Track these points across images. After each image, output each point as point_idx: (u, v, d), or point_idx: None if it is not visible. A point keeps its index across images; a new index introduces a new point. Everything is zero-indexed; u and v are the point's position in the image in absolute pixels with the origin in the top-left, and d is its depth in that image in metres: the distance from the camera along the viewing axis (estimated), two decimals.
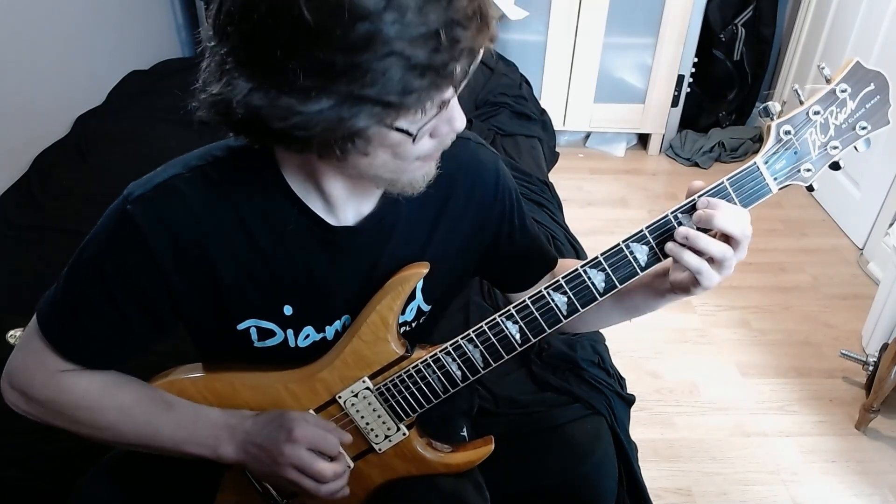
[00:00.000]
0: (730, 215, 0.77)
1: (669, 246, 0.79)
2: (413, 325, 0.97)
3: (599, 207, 2.98)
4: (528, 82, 2.90)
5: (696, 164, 3.24)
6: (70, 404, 0.88)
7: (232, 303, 0.87)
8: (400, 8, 0.61)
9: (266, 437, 0.87)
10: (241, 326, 0.88)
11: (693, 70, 3.17)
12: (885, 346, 1.85)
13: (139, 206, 0.80)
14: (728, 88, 3.31)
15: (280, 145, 0.72)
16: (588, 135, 3.44)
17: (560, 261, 1.06)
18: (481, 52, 0.69)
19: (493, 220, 0.96)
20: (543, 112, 2.83)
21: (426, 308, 0.97)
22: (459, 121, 0.74)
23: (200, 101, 0.70)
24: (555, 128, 2.91)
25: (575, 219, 2.35)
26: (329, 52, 0.61)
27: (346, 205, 0.85)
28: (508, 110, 2.62)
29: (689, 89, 3.23)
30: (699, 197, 0.79)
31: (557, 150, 2.95)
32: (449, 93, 0.69)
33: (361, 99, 0.64)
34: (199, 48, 0.70)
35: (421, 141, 0.72)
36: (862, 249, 2.65)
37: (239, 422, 0.89)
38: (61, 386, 0.87)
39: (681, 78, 3.16)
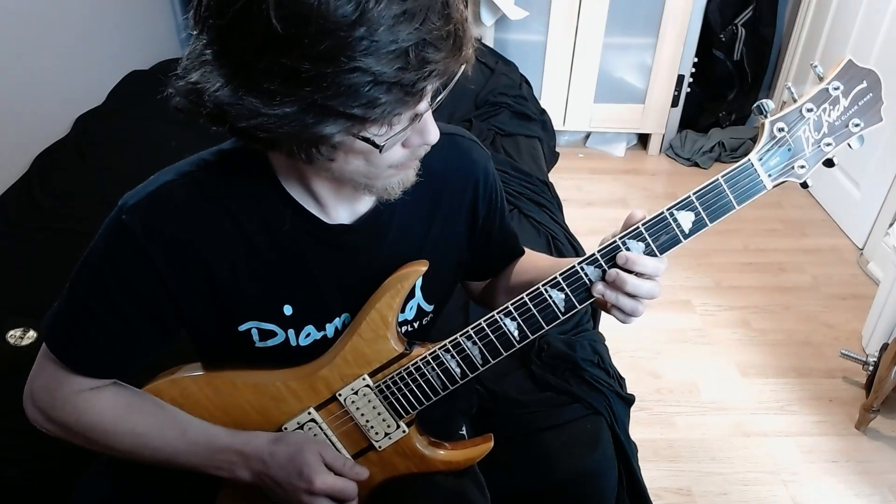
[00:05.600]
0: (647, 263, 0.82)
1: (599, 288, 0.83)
2: (415, 324, 0.98)
3: (599, 207, 2.98)
4: (528, 82, 2.90)
5: (696, 164, 3.24)
6: (86, 427, 0.89)
7: (232, 305, 0.87)
8: (370, 24, 0.60)
9: (284, 479, 0.88)
10: (241, 328, 0.89)
11: (693, 70, 3.17)
12: (885, 346, 1.85)
13: (133, 216, 0.80)
14: (728, 88, 3.31)
15: (249, 142, 0.72)
16: (588, 135, 3.44)
17: (527, 252, 1.09)
18: (459, 71, 0.69)
19: (481, 216, 0.98)
20: (543, 112, 2.83)
21: (428, 308, 0.98)
22: (433, 134, 0.74)
23: (177, 87, 0.69)
24: (555, 128, 2.91)
25: (575, 219, 2.35)
26: (296, 59, 0.61)
27: (337, 205, 0.86)
28: (508, 110, 2.61)
29: (689, 89, 3.23)
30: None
31: (557, 150, 2.95)
32: (422, 107, 0.69)
33: (326, 108, 0.63)
34: (183, 35, 0.70)
35: (391, 150, 0.73)
36: (862, 249, 2.65)
37: (254, 451, 0.89)
38: (77, 408, 0.88)
39: (681, 78, 3.16)
